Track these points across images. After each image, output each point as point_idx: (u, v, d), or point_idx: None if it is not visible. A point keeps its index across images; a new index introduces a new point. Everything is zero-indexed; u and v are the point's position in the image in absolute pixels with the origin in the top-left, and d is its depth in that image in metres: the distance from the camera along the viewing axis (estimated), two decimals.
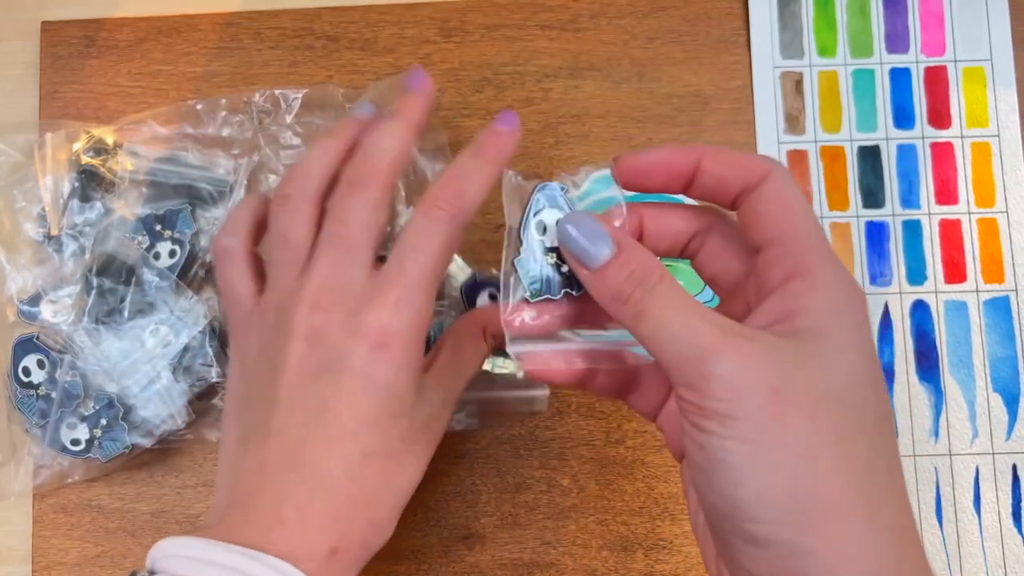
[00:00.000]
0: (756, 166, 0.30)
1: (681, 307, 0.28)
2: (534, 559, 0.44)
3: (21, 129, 0.47)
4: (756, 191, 0.30)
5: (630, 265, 0.29)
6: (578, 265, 0.30)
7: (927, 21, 0.48)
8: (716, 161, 0.31)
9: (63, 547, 0.44)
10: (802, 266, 0.28)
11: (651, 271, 0.29)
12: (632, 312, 0.28)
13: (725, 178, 0.31)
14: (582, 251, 0.30)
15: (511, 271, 0.32)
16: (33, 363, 0.44)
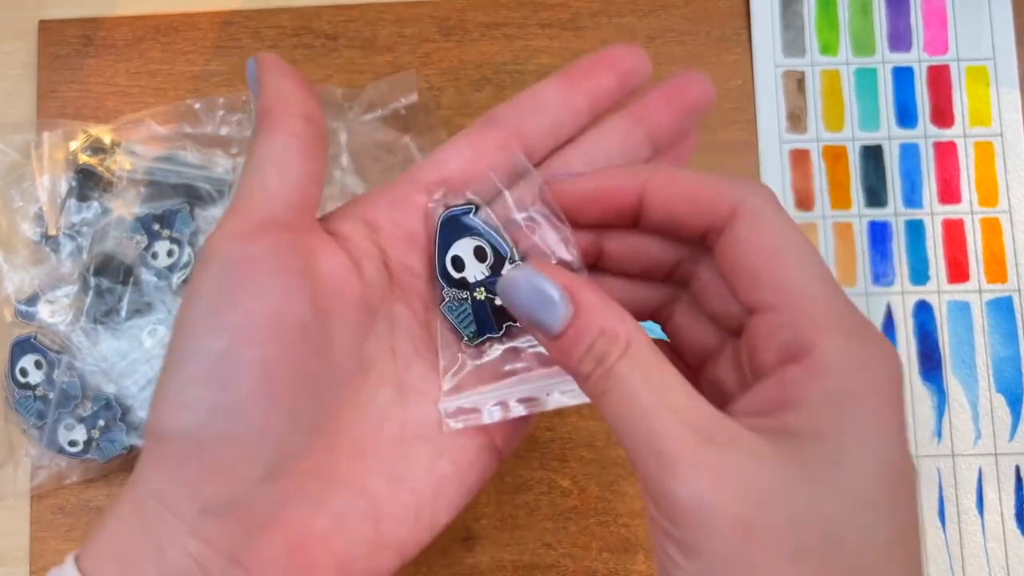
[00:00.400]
0: (719, 197, 0.24)
1: (644, 394, 0.22)
2: (534, 561, 0.44)
3: (19, 128, 0.47)
4: (728, 233, 0.24)
5: (590, 334, 0.23)
6: (533, 330, 0.25)
7: (930, 20, 0.48)
8: (664, 191, 0.25)
9: (61, 548, 0.44)
10: (801, 343, 0.22)
11: (613, 342, 0.23)
12: (593, 393, 0.23)
13: (680, 214, 0.25)
14: (532, 320, 0.24)
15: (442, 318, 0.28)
16: (31, 364, 0.44)
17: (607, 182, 0.26)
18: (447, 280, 0.28)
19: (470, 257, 0.28)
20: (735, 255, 0.24)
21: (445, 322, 0.28)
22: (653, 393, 0.22)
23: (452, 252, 0.28)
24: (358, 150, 0.46)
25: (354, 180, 0.46)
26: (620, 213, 0.26)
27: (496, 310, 0.28)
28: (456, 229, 0.28)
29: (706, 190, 0.25)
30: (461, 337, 0.28)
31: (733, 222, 0.24)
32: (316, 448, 0.25)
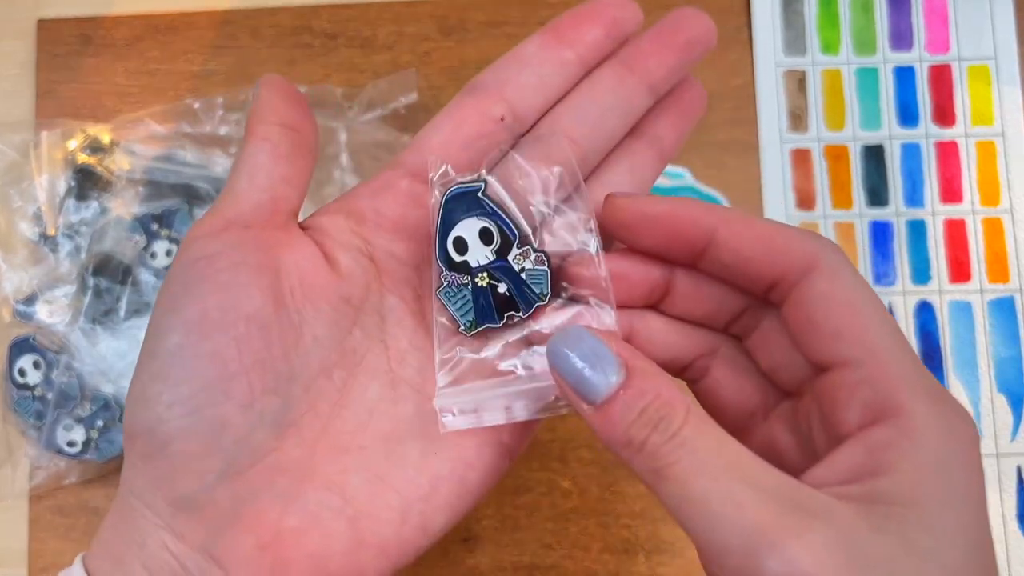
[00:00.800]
0: (798, 248, 0.23)
1: (718, 466, 0.20)
2: (534, 562, 0.43)
3: (17, 128, 0.47)
4: (804, 286, 0.23)
5: (643, 399, 0.22)
6: (575, 397, 0.23)
7: (931, 19, 0.48)
8: (739, 234, 0.24)
9: (60, 549, 0.44)
10: (891, 403, 0.21)
11: (672, 408, 0.21)
12: (649, 468, 0.21)
13: (752, 261, 0.24)
14: (579, 380, 0.22)
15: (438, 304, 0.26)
16: (29, 364, 0.44)
17: (682, 210, 0.24)
18: (447, 263, 0.26)
19: (474, 239, 0.26)
20: (813, 307, 0.23)
21: (442, 309, 0.26)
22: (728, 459, 0.21)
23: (455, 233, 0.26)
24: (357, 149, 0.46)
25: (353, 179, 0.46)
26: (687, 245, 0.25)
27: (499, 298, 0.26)
28: (461, 208, 0.26)
29: (783, 239, 0.24)
30: (458, 326, 0.26)
31: (812, 274, 0.23)
32: (287, 444, 0.25)
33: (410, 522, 0.25)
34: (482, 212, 0.26)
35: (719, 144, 0.47)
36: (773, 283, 0.24)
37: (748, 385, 0.26)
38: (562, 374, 0.23)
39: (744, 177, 0.46)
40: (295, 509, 0.25)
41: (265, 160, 0.26)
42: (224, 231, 0.25)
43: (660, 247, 0.25)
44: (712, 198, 0.46)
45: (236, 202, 0.25)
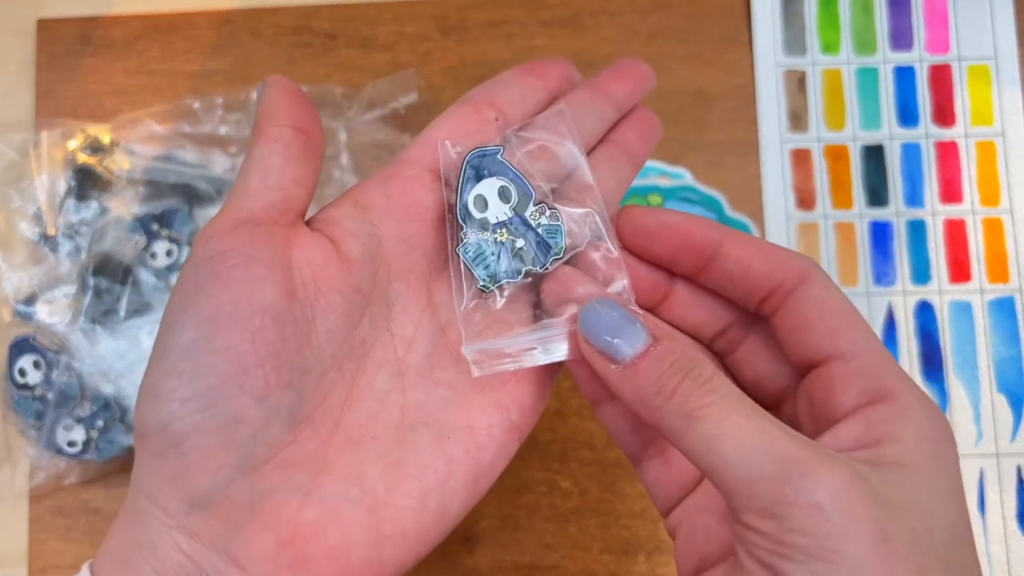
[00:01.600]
0: (792, 262, 0.26)
1: (748, 409, 0.22)
2: (534, 562, 0.43)
3: (17, 128, 0.47)
4: (800, 293, 0.25)
5: (673, 354, 0.24)
6: (602, 360, 0.25)
7: (931, 19, 0.48)
8: (743, 248, 0.26)
9: (60, 549, 0.44)
10: (885, 388, 0.24)
11: (701, 362, 0.24)
12: (681, 411, 0.23)
13: (753, 270, 0.26)
14: (608, 344, 0.25)
15: (456, 262, 0.27)
16: (29, 364, 0.43)
17: (694, 221, 0.27)
18: (467, 219, 0.27)
19: (494, 197, 0.27)
20: (810, 310, 0.25)
21: (461, 265, 0.27)
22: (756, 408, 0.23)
23: (476, 191, 0.27)
24: (358, 149, 0.46)
25: (353, 179, 0.46)
26: (695, 255, 0.27)
27: (517, 252, 0.27)
28: (483, 168, 0.27)
29: (779, 254, 0.26)
30: (477, 282, 0.27)
31: (805, 283, 0.25)
32: (302, 437, 0.25)
33: (429, 509, 0.26)
34: (501, 173, 0.27)
35: (719, 144, 0.47)
36: (771, 291, 0.26)
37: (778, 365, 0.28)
38: (592, 340, 0.25)
39: (744, 177, 0.46)
40: (313, 503, 0.25)
41: (277, 160, 0.26)
42: (236, 229, 0.25)
43: (671, 255, 0.27)
44: (712, 198, 0.46)
45: (248, 201, 0.26)
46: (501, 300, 0.27)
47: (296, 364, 0.25)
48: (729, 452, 0.22)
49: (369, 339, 0.27)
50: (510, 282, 0.27)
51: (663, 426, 0.23)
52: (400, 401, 0.27)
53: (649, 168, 0.46)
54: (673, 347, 0.24)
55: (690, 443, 0.23)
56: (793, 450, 0.21)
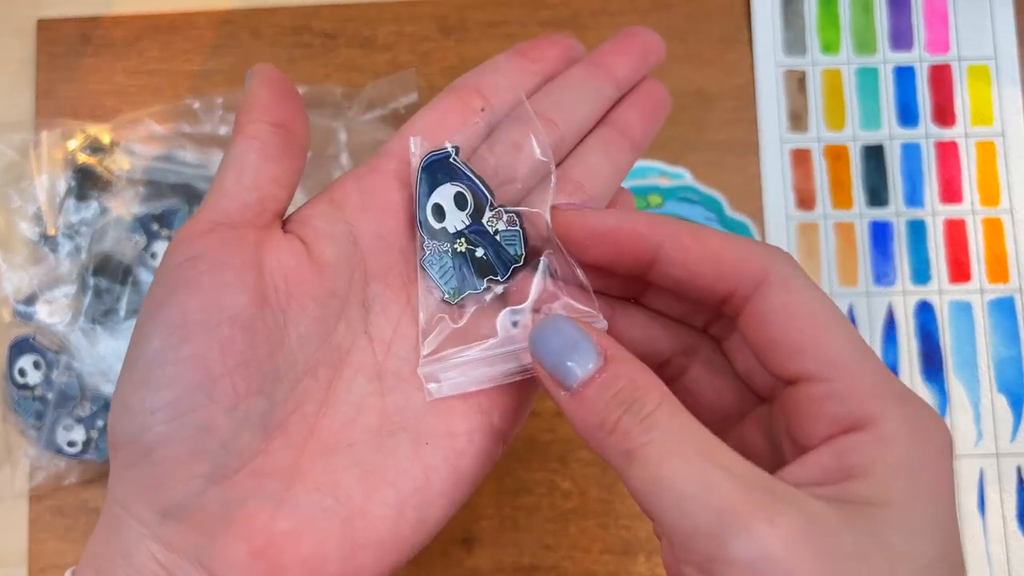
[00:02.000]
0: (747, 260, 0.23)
1: (689, 449, 0.20)
2: (534, 563, 0.43)
3: (17, 128, 0.47)
4: (758, 299, 0.23)
5: (618, 382, 0.22)
6: (553, 384, 0.23)
7: (931, 19, 0.48)
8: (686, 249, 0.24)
9: (60, 549, 0.44)
10: (860, 413, 0.21)
11: (646, 391, 0.22)
12: (619, 448, 0.21)
13: (700, 275, 0.24)
14: (556, 365, 0.23)
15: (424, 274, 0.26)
16: (29, 364, 0.44)
17: (627, 224, 0.24)
18: (427, 231, 0.26)
19: (450, 205, 0.26)
20: (769, 323, 0.23)
21: (426, 278, 0.26)
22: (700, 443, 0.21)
23: (432, 200, 0.26)
24: (357, 150, 0.46)
25: None
26: (633, 260, 0.25)
27: (477, 263, 0.26)
28: (437, 175, 0.26)
29: (732, 252, 0.23)
30: (443, 295, 0.26)
31: (764, 287, 0.23)
32: (274, 446, 0.24)
33: (407, 516, 0.25)
34: (454, 177, 0.26)
35: (719, 144, 0.47)
36: (724, 298, 0.24)
37: (725, 387, 0.26)
38: (541, 361, 0.23)
39: (744, 177, 0.46)
40: (286, 512, 0.24)
41: (254, 158, 0.25)
42: (209, 232, 0.24)
43: (608, 262, 0.25)
44: (712, 199, 0.46)
45: (222, 201, 0.25)
46: (466, 315, 0.26)
47: (267, 372, 0.24)
48: (664, 499, 0.20)
49: (346, 343, 0.26)
50: (472, 293, 0.26)
51: (607, 460, 0.22)
52: (378, 406, 0.26)
53: (649, 168, 0.46)
54: (619, 373, 0.22)
55: (631, 483, 0.21)
56: (733, 498, 0.19)
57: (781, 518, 0.19)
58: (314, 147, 0.46)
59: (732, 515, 0.19)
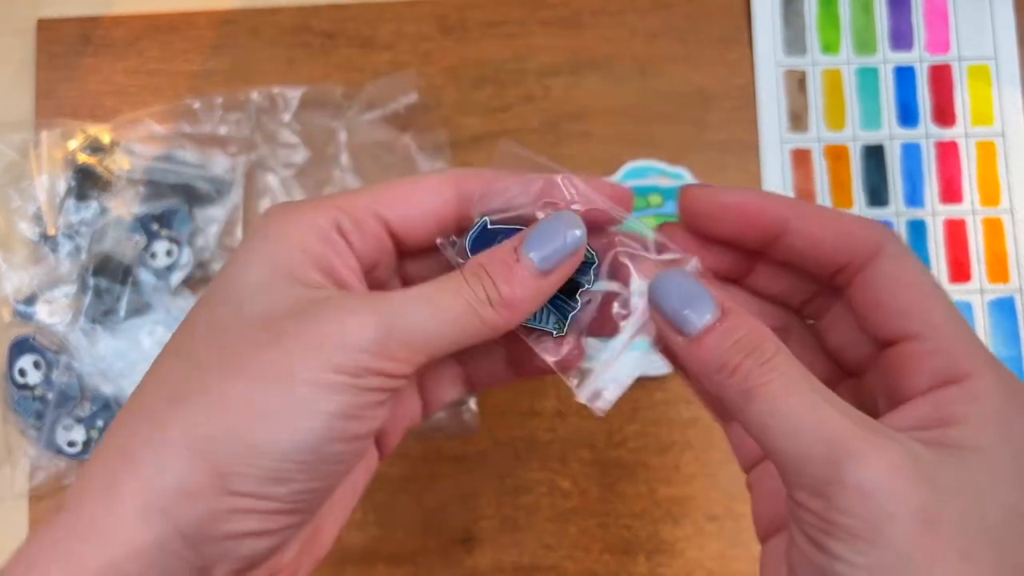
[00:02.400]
0: (864, 234, 0.25)
1: (805, 387, 0.23)
2: (534, 562, 0.43)
3: (17, 127, 0.47)
4: (871, 269, 0.25)
5: (738, 331, 0.24)
6: (671, 330, 0.25)
7: (931, 19, 0.48)
8: (812, 222, 0.26)
9: None
10: (959, 370, 0.23)
11: (765, 340, 0.24)
12: (740, 388, 0.23)
13: (824, 244, 0.26)
14: (677, 314, 0.25)
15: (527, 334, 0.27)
16: (29, 364, 0.44)
17: (755, 198, 0.26)
18: None
19: None
20: (881, 287, 0.25)
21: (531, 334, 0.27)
22: (815, 385, 0.23)
23: None
24: (358, 149, 0.46)
25: (354, 179, 0.46)
26: (761, 232, 0.26)
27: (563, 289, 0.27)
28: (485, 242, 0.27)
29: (852, 226, 0.25)
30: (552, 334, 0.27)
31: (878, 258, 0.25)
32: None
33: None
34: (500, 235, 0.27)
35: (719, 144, 0.47)
36: (842, 267, 0.26)
37: (816, 361, 0.28)
38: (661, 310, 0.25)
39: (744, 177, 0.46)
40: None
41: None
42: None
43: (736, 234, 0.27)
44: None
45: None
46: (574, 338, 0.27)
47: None
48: (780, 431, 0.22)
49: None
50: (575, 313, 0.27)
51: (724, 399, 0.24)
52: None
53: (649, 168, 0.46)
54: (739, 324, 0.24)
55: (748, 419, 0.23)
56: (843, 430, 0.21)
57: (887, 450, 0.21)
58: (314, 147, 0.46)
59: (844, 444, 0.21)
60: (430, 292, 0.25)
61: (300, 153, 0.46)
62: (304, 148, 0.46)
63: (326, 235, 0.25)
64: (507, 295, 0.25)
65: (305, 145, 0.46)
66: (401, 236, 0.27)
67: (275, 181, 0.46)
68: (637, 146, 0.47)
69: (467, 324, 0.25)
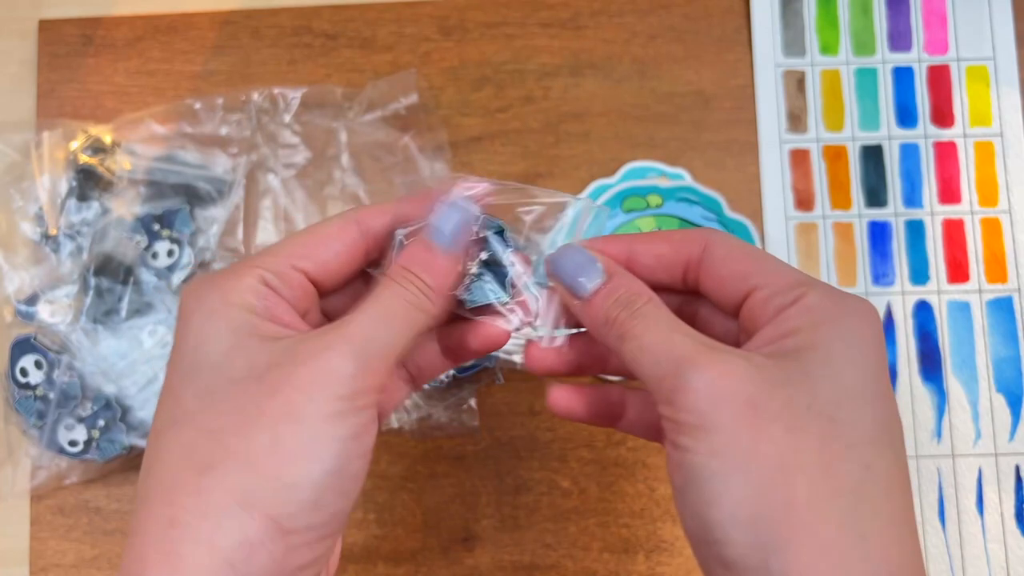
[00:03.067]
0: (692, 235, 0.30)
1: (663, 324, 0.27)
2: (534, 561, 0.43)
3: (18, 128, 0.47)
4: (707, 256, 0.29)
5: (618, 291, 0.28)
6: (569, 296, 0.30)
7: (930, 20, 0.48)
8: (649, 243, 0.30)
9: (60, 549, 0.44)
10: (793, 295, 0.27)
11: (637, 295, 0.28)
12: (617, 334, 0.28)
13: (664, 256, 0.30)
14: (572, 280, 0.29)
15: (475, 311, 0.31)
16: (31, 363, 0.44)
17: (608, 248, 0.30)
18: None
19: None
20: (719, 266, 0.29)
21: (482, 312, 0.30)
22: (672, 322, 0.27)
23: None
24: (358, 150, 0.46)
25: (354, 179, 0.46)
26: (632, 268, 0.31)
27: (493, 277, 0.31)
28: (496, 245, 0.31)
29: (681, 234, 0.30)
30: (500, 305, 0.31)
31: (709, 246, 0.29)
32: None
33: None
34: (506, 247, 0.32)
35: (719, 144, 0.47)
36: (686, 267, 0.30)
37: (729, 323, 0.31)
38: (559, 279, 0.30)
39: (743, 177, 0.47)
40: None
41: None
42: None
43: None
44: (711, 199, 0.46)
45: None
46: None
47: None
48: (643, 359, 0.27)
49: None
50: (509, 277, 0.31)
51: (610, 347, 0.28)
52: None
53: (649, 168, 0.46)
54: (619, 284, 0.29)
55: (625, 358, 0.27)
56: (689, 350, 0.26)
57: (722, 360, 0.26)
58: (314, 147, 0.46)
59: (688, 360, 0.26)
60: (376, 307, 0.28)
61: (301, 153, 0.46)
62: (305, 148, 0.46)
63: (258, 291, 0.28)
64: (433, 282, 0.28)
65: (306, 145, 0.46)
66: (320, 281, 0.29)
67: (276, 181, 0.46)
68: (636, 147, 0.47)
69: (414, 320, 0.28)
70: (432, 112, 0.47)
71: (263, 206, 0.46)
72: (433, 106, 0.47)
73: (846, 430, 0.25)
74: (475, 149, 0.47)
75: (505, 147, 0.47)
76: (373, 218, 0.30)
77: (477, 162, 0.47)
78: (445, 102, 0.47)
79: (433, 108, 0.47)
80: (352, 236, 0.30)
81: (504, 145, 0.47)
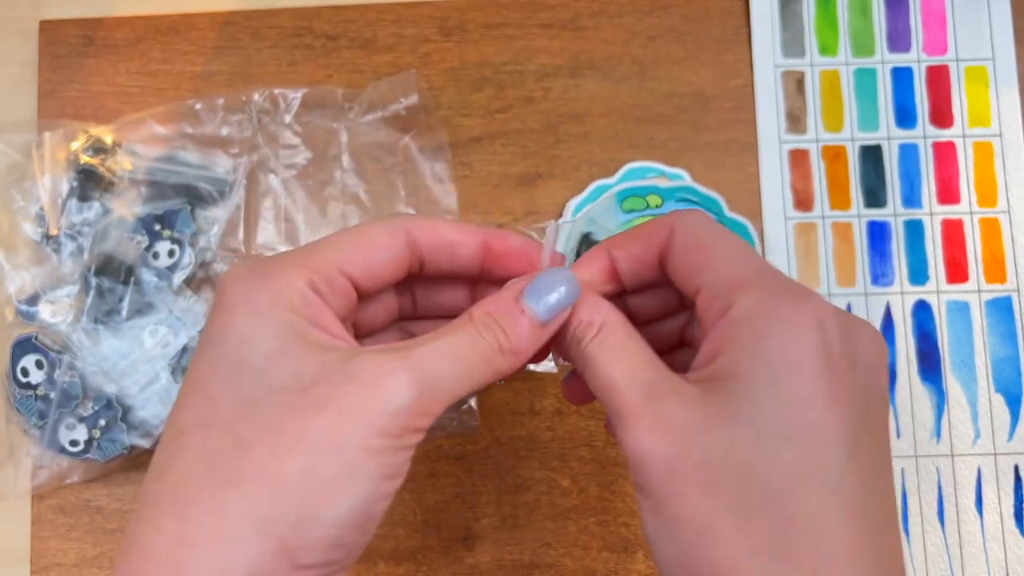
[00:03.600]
0: (659, 226, 0.29)
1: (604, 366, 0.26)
2: (534, 560, 0.44)
3: (19, 128, 0.47)
4: (669, 248, 0.28)
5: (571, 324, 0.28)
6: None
7: (929, 20, 0.48)
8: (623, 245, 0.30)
9: (62, 548, 0.44)
10: (725, 304, 0.26)
11: (588, 327, 0.27)
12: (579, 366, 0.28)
13: (638, 256, 0.29)
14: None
15: None
16: (31, 363, 0.44)
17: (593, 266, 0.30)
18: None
19: None
20: (678, 260, 0.28)
21: None
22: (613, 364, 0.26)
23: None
24: (359, 150, 0.46)
25: (354, 180, 0.46)
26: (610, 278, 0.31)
27: None
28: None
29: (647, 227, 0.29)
30: None
31: (671, 239, 0.28)
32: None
33: None
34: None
35: (718, 144, 0.47)
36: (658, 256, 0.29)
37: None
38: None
39: (743, 177, 0.47)
40: None
41: None
42: None
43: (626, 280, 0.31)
44: (711, 199, 0.46)
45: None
46: None
47: None
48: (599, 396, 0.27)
49: None
50: None
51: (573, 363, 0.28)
52: None
53: (648, 169, 0.46)
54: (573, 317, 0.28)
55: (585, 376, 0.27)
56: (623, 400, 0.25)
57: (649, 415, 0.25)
58: (315, 148, 0.47)
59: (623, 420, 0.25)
60: (447, 343, 0.26)
61: (301, 154, 0.47)
62: (305, 149, 0.47)
63: (307, 296, 0.26)
64: (516, 344, 0.27)
65: (306, 146, 0.47)
66: (363, 288, 0.28)
67: (276, 182, 0.46)
68: (636, 147, 0.47)
69: (481, 373, 0.27)
70: (432, 113, 0.47)
71: (264, 206, 0.46)
72: (433, 107, 0.47)
73: (760, 481, 0.23)
74: (475, 150, 0.47)
75: (505, 147, 0.47)
76: (422, 232, 0.28)
77: (477, 163, 0.47)
78: (445, 103, 0.47)
79: (433, 109, 0.47)
80: (400, 246, 0.28)
81: (504, 145, 0.47)
